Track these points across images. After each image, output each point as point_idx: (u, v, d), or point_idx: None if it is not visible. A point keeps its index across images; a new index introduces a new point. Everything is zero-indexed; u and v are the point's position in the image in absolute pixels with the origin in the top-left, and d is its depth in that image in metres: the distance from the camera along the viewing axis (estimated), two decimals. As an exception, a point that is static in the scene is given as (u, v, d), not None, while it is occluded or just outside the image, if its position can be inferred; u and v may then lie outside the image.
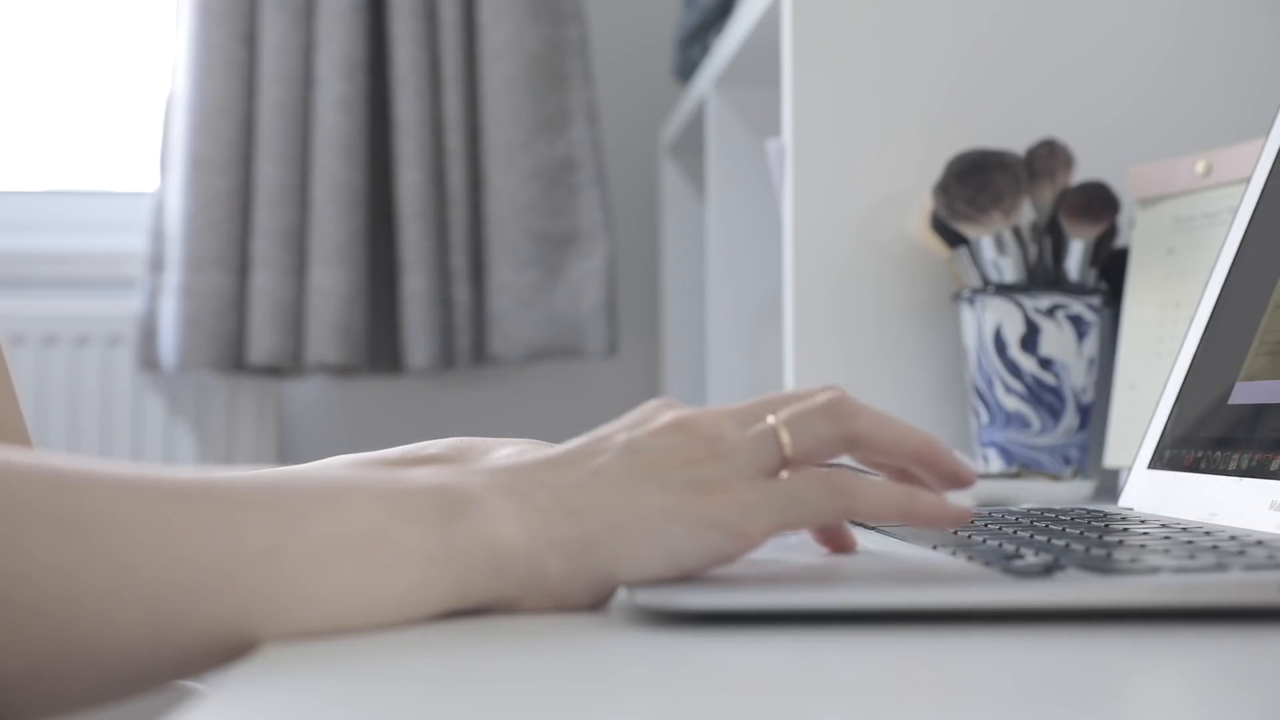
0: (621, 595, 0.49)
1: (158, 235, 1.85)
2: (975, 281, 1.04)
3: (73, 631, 0.41)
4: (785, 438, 0.50)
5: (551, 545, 0.46)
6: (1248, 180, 0.76)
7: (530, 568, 0.46)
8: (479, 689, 0.37)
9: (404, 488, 0.47)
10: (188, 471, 0.45)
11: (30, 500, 0.41)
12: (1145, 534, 0.57)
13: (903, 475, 0.53)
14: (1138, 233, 1.02)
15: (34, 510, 0.41)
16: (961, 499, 0.52)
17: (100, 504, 0.42)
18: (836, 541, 0.57)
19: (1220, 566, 0.46)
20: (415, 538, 0.45)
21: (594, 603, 0.48)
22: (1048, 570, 0.47)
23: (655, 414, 0.51)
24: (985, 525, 0.64)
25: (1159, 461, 0.74)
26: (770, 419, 0.51)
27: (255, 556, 0.43)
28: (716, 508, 0.48)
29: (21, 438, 0.70)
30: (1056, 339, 1.02)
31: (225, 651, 0.43)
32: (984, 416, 1.04)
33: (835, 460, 0.53)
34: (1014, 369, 1.02)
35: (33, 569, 0.40)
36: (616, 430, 0.50)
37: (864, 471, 0.54)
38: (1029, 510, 0.73)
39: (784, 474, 0.50)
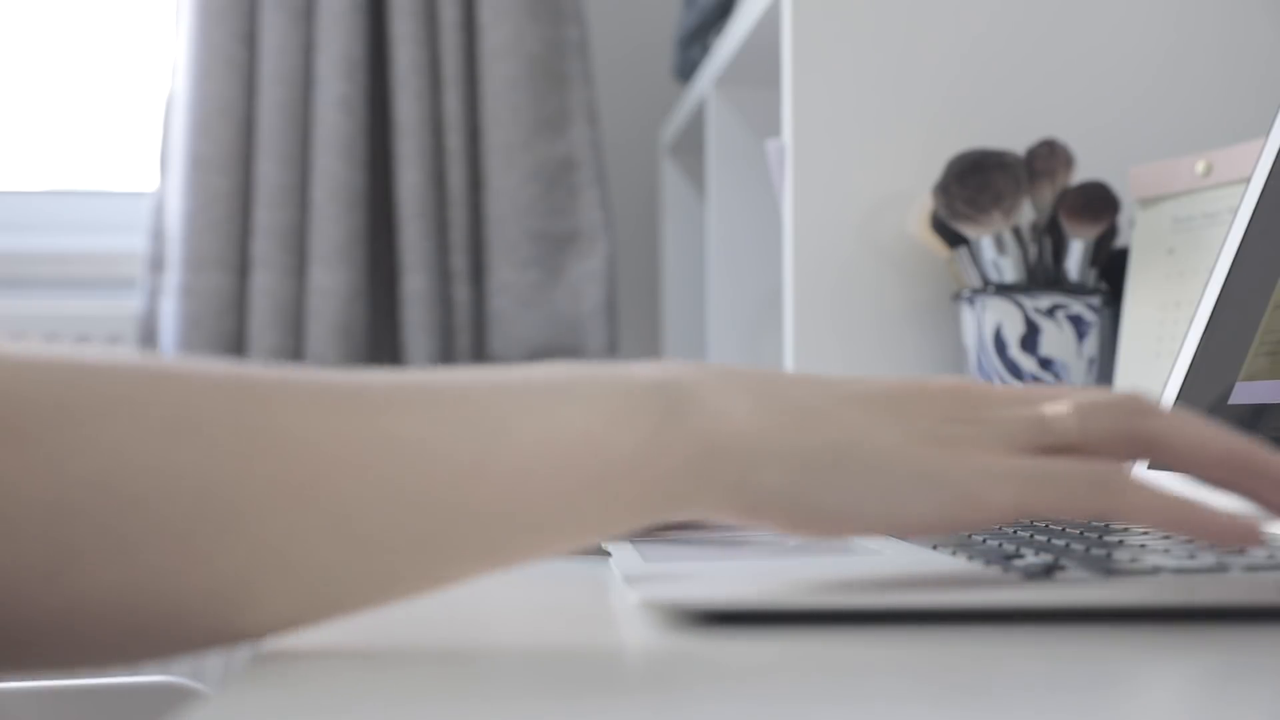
0: (621, 595, 0.49)
1: (158, 235, 1.85)
2: (975, 281, 1.04)
3: (268, 545, 0.39)
4: (1066, 420, 0.45)
5: (771, 454, 0.43)
6: (1248, 180, 0.76)
7: (738, 474, 0.43)
8: (479, 688, 0.37)
9: (620, 385, 0.43)
10: (382, 377, 0.42)
11: (217, 415, 0.39)
12: (1145, 534, 0.57)
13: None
14: (1138, 233, 1.02)
15: (222, 422, 0.38)
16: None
17: (290, 414, 0.39)
18: (1214, 537, 0.46)
19: (1220, 566, 0.46)
20: (626, 442, 0.42)
21: (795, 529, 0.44)
22: (1048, 570, 0.47)
23: (948, 379, 0.47)
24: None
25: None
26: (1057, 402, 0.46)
27: (460, 472, 0.40)
28: (950, 464, 0.44)
29: None
30: (1056, 339, 1.02)
31: (426, 574, 0.41)
32: (984, 416, 1.04)
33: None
34: (1014, 369, 1.02)
35: (224, 485, 0.38)
36: (890, 377, 0.47)
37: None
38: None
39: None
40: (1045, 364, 1.02)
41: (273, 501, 0.39)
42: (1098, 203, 1.03)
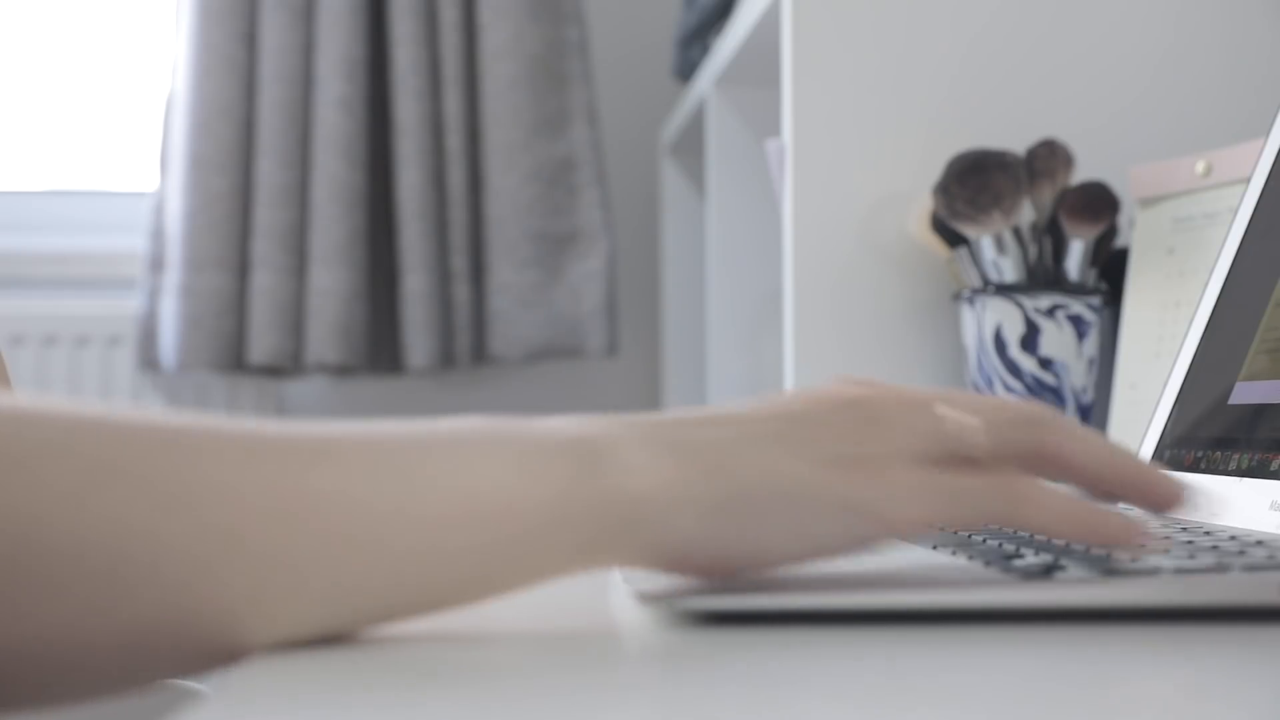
0: (621, 595, 0.49)
1: (158, 235, 1.85)
2: (975, 281, 1.04)
3: (181, 600, 0.39)
4: (972, 434, 0.46)
5: (684, 504, 0.43)
6: (1248, 180, 0.76)
7: (654, 528, 0.43)
8: (479, 689, 0.37)
9: (533, 442, 0.43)
10: (299, 427, 0.42)
11: (129, 466, 0.38)
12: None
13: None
14: (1138, 233, 1.02)
15: (134, 477, 0.38)
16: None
17: (206, 468, 0.39)
18: (1112, 540, 0.47)
19: (1220, 566, 0.46)
20: (542, 498, 0.42)
21: (716, 572, 0.45)
22: (1048, 570, 0.47)
23: (833, 386, 0.47)
24: (985, 525, 0.64)
25: (1159, 461, 0.74)
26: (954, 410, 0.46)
27: (374, 524, 0.40)
28: (857, 487, 0.44)
29: None
30: (1056, 339, 1.02)
31: (350, 618, 0.41)
32: (984, 416, 1.04)
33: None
34: (1014, 369, 1.02)
35: (135, 541, 0.38)
36: (786, 395, 0.47)
37: None
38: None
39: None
40: (1045, 364, 1.02)
41: (196, 549, 0.39)
42: (1098, 203, 1.03)
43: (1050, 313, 1.02)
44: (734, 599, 0.45)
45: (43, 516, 0.38)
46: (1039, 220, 1.05)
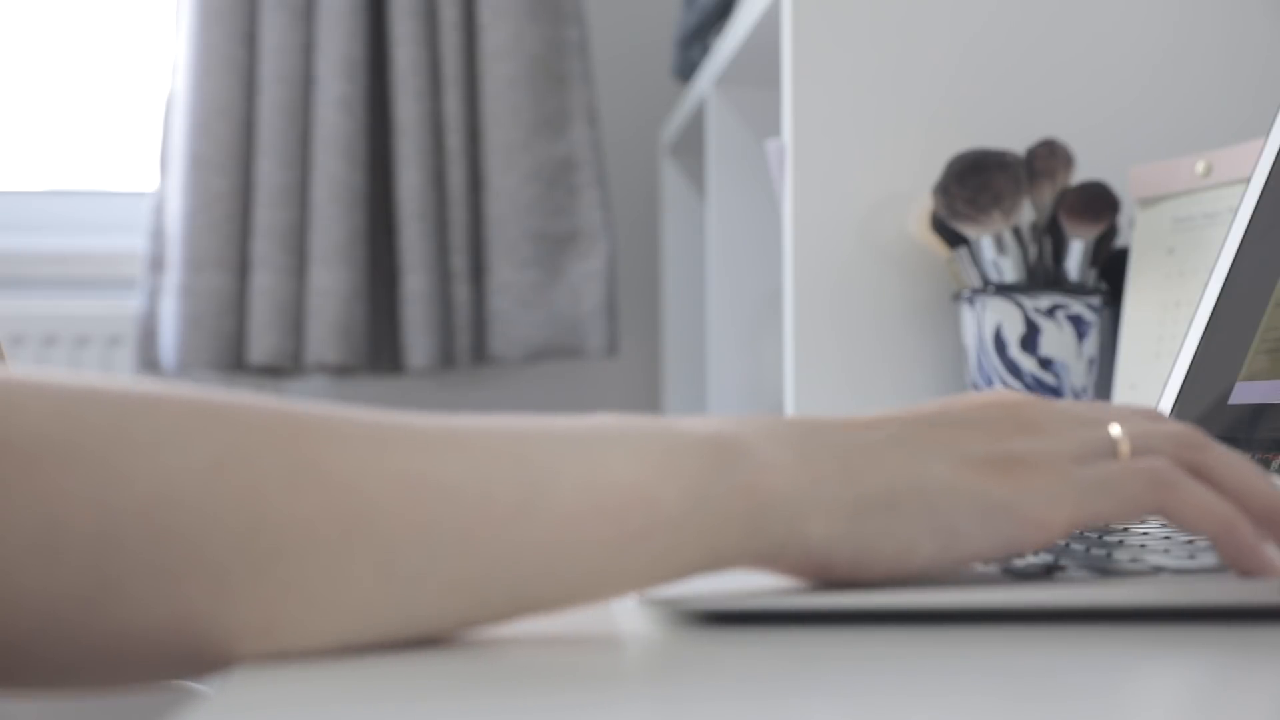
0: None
1: (158, 235, 1.85)
2: (975, 281, 1.04)
3: (309, 586, 0.39)
4: (1123, 444, 0.45)
5: (818, 505, 0.42)
6: (1248, 180, 0.76)
7: (791, 527, 0.42)
8: (479, 688, 0.37)
9: (669, 438, 0.42)
10: (432, 419, 0.42)
11: (266, 448, 0.39)
12: (1145, 534, 0.57)
13: None
14: (1138, 233, 1.02)
15: (270, 458, 0.39)
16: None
17: (337, 453, 0.39)
18: (1241, 559, 0.45)
19: (1220, 566, 0.46)
20: (672, 496, 0.41)
21: (856, 577, 0.44)
22: (1048, 570, 0.47)
23: (990, 394, 0.47)
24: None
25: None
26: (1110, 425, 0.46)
27: (503, 514, 0.40)
28: (1011, 488, 0.43)
29: None
30: (1056, 339, 1.02)
31: (466, 615, 0.41)
32: (984, 416, 1.04)
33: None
34: (1014, 369, 1.02)
35: (269, 518, 0.38)
36: (935, 401, 0.46)
37: None
38: None
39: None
40: (1045, 364, 1.02)
41: (308, 540, 0.39)
42: (1098, 203, 1.03)
43: (1050, 313, 1.02)
44: (734, 599, 0.45)
45: (171, 500, 0.38)
46: (1039, 220, 1.05)
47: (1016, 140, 1.09)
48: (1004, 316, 1.02)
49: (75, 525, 0.37)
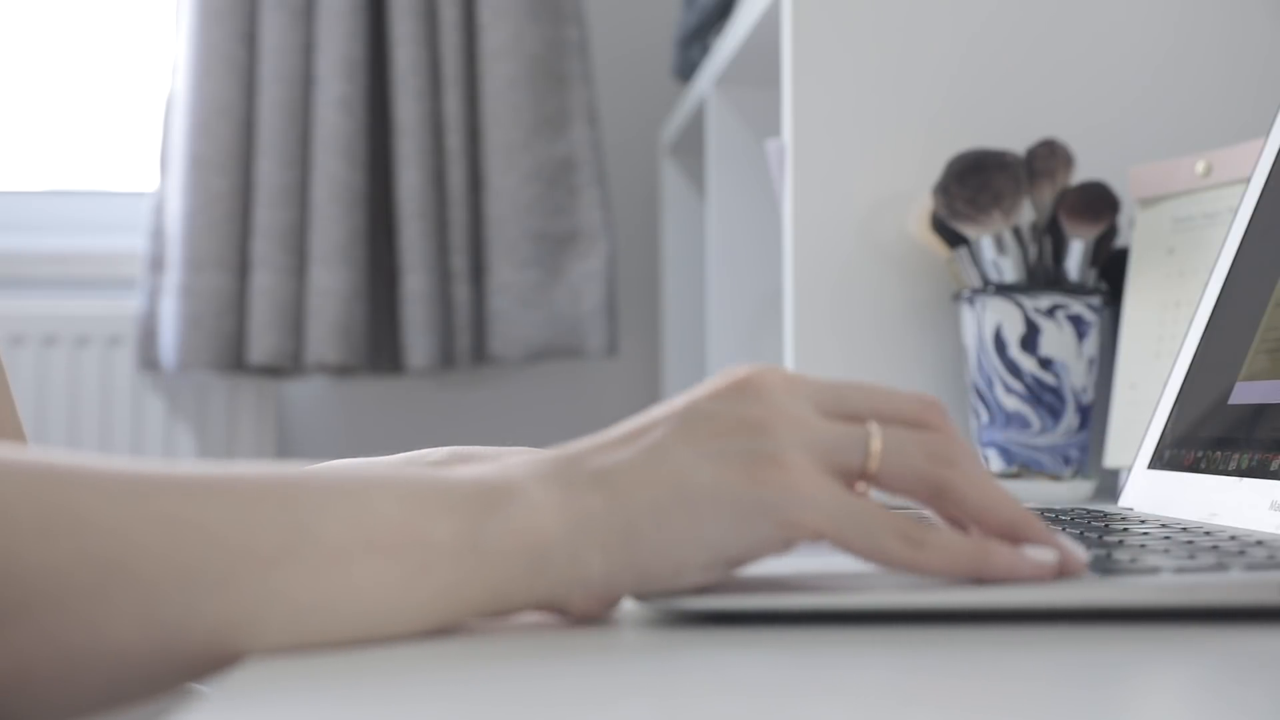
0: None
1: (158, 235, 1.85)
2: (975, 281, 1.04)
3: (65, 634, 0.38)
4: (875, 447, 0.45)
5: (592, 539, 0.43)
6: (1248, 180, 0.76)
7: (571, 565, 0.43)
8: (478, 688, 0.37)
9: (435, 481, 0.43)
10: (194, 466, 0.42)
11: (15, 496, 0.38)
12: (1145, 534, 0.57)
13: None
14: (1138, 233, 1.02)
15: (19, 506, 0.38)
16: (1044, 551, 0.46)
17: (92, 500, 0.39)
18: (1021, 573, 0.45)
19: (1220, 566, 0.46)
20: (446, 534, 0.41)
21: (638, 597, 0.44)
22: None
23: (729, 374, 0.46)
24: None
25: (1159, 461, 0.74)
26: (866, 424, 0.46)
27: (266, 558, 0.40)
28: (768, 487, 0.43)
29: (17, 438, 0.69)
30: (1056, 339, 1.02)
31: (232, 659, 0.40)
32: (984, 416, 1.04)
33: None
34: (1014, 369, 1.02)
35: (19, 568, 0.38)
36: (683, 397, 0.46)
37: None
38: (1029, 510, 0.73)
39: (860, 486, 0.46)
40: (1045, 364, 1.02)
41: (69, 588, 0.38)
42: (1098, 203, 1.03)
43: (1050, 313, 1.02)
44: (734, 599, 0.45)
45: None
46: (1039, 220, 1.05)
47: (1016, 140, 1.09)
48: (1004, 316, 1.02)
49: None
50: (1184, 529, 0.60)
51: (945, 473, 0.46)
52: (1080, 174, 1.07)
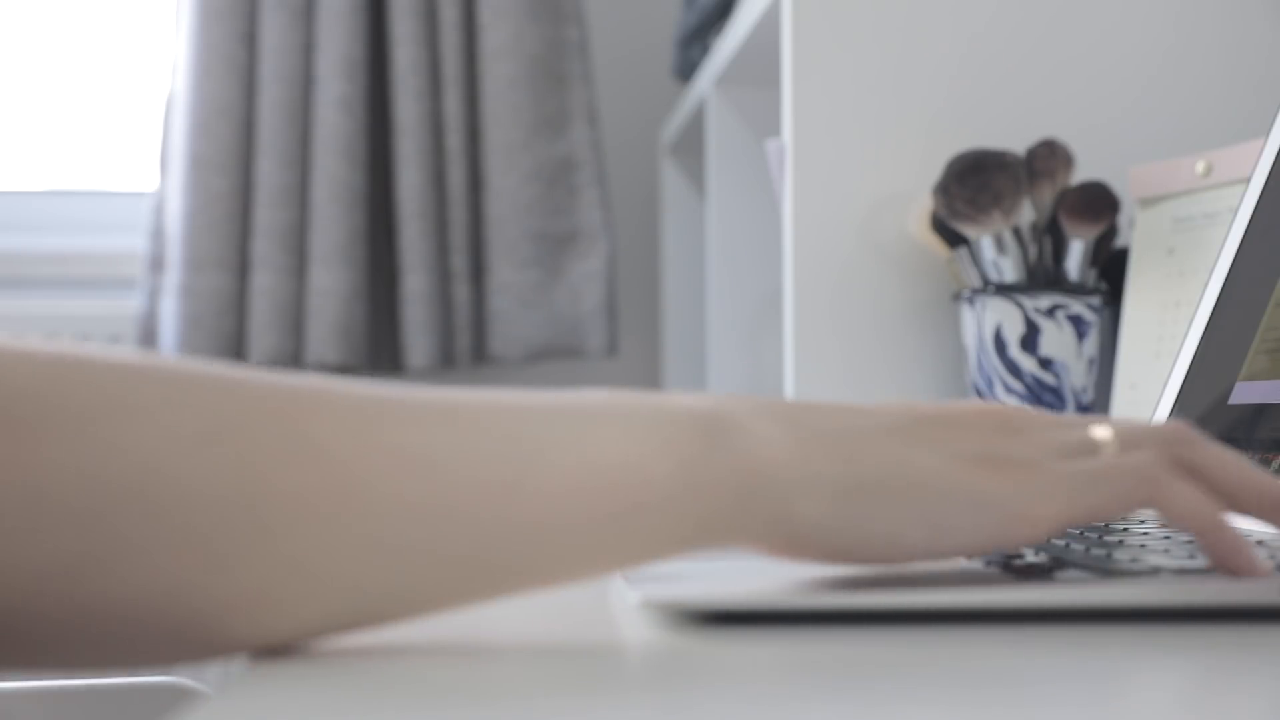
0: (621, 595, 0.49)
1: (158, 235, 1.85)
2: (975, 281, 1.04)
3: (304, 558, 0.38)
4: (1109, 444, 0.46)
5: (809, 483, 0.42)
6: (1248, 180, 0.76)
7: (781, 505, 0.42)
8: (479, 688, 0.37)
9: (661, 414, 0.42)
10: (427, 392, 0.42)
11: (258, 420, 0.39)
12: (1145, 534, 0.57)
13: None
14: (1138, 233, 1.02)
15: (262, 431, 0.38)
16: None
17: (329, 426, 0.39)
18: (1228, 556, 0.45)
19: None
20: (665, 471, 0.41)
21: (841, 559, 0.44)
22: (1048, 570, 0.47)
23: (971, 402, 0.47)
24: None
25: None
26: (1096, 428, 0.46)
27: (494, 490, 0.40)
28: (1001, 485, 0.43)
29: None
30: (1056, 339, 1.02)
31: (455, 591, 0.40)
32: (984, 416, 1.04)
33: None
34: (1014, 369, 1.02)
35: (262, 491, 0.38)
36: (931, 403, 0.46)
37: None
38: None
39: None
40: (1045, 364, 1.02)
41: (300, 514, 0.38)
42: (1098, 203, 1.03)
43: (1050, 313, 1.02)
44: (734, 599, 0.45)
45: (161, 471, 0.37)
46: (1039, 220, 1.05)
47: (1016, 140, 1.09)
48: (1004, 316, 1.02)
49: (60, 495, 0.37)
50: (1184, 529, 0.60)
51: (1186, 452, 0.46)
52: (1080, 174, 1.07)
